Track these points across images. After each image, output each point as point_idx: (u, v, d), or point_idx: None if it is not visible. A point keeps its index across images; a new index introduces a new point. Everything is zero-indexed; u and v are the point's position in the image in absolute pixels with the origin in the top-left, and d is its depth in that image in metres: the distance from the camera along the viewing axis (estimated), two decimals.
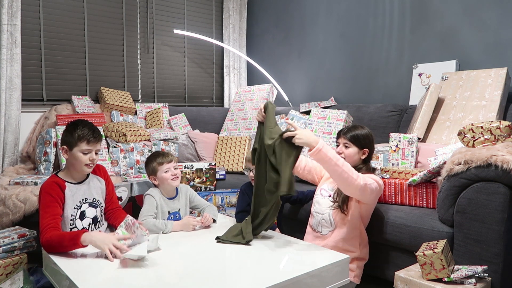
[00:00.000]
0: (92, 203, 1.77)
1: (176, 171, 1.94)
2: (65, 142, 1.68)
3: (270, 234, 1.77)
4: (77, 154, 1.67)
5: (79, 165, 1.69)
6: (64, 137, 1.69)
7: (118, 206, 1.89)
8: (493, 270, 1.50)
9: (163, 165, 1.91)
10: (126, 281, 1.28)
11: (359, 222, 1.77)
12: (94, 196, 1.78)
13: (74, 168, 1.72)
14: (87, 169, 1.72)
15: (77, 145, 1.66)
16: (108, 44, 3.40)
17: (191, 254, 1.53)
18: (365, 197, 1.68)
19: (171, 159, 1.95)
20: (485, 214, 1.52)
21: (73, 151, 1.67)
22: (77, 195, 1.73)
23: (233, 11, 4.06)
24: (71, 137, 1.66)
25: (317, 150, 1.54)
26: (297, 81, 3.76)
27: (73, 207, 1.71)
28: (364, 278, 1.81)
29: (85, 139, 1.66)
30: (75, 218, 1.71)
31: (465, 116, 2.33)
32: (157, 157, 1.94)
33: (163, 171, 1.91)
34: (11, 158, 2.84)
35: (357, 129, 1.85)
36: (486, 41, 2.51)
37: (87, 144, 1.67)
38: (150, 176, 1.95)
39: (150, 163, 1.94)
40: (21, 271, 1.68)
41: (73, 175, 1.74)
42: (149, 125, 3.30)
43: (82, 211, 1.73)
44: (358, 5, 3.22)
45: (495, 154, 1.51)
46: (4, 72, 2.74)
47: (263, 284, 1.22)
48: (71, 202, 1.70)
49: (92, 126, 1.73)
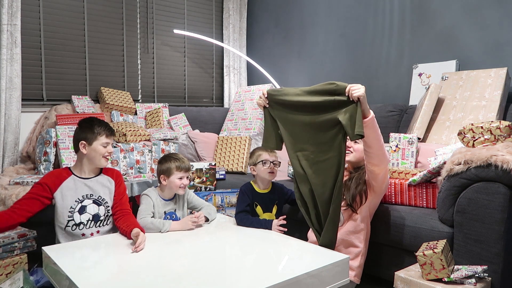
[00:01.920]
0: (96, 200, 1.83)
1: (187, 182, 1.95)
2: (83, 138, 1.81)
3: (270, 234, 1.77)
4: (98, 147, 1.81)
5: (98, 158, 1.82)
6: (81, 134, 1.82)
7: (127, 208, 1.87)
8: (493, 270, 1.50)
9: (180, 172, 1.92)
10: (126, 281, 1.28)
11: (367, 216, 1.79)
12: (100, 194, 1.85)
13: (90, 162, 1.84)
14: (104, 161, 1.85)
15: (97, 139, 1.81)
16: (108, 44, 3.40)
17: (191, 254, 1.53)
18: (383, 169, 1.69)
19: (188, 168, 1.96)
20: (485, 214, 1.52)
21: (93, 145, 1.80)
22: (81, 189, 1.81)
23: (233, 11, 4.06)
24: (90, 133, 1.80)
25: (373, 118, 1.56)
26: (297, 81, 3.76)
27: (74, 199, 1.79)
28: (364, 278, 1.81)
29: (104, 133, 1.83)
30: (74, 211, 1.78)
31: (465, 116, 2.33)
32: (177, 161, 1.93)
33: (177, 177, 1.91)
34: (11, 158, 2.84)
35: None
36: (486, 41, 2.51)
37: (106, 137, 1.83)
38: (162, 175, 1.93)
39: (168, 162, 1.93)
40: (21, 271, 1.68)
41: (84, 170, 1.85)
42: (149, 125, 3.30)
43: (83, 205, 1.79)
44: (358, 5, 3.22)
45: (495, 154, 1.51)
46: (4, 72, 2.74)
47: (263, 284, 1.22)
48: (72, 194, 1.79)
49: (105, 121, 1.88)
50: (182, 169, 1.92)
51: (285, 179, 2.64)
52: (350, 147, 1.83)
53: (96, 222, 1.81)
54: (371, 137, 1.60)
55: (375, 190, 1.76)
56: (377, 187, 1.75)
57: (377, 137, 1.60)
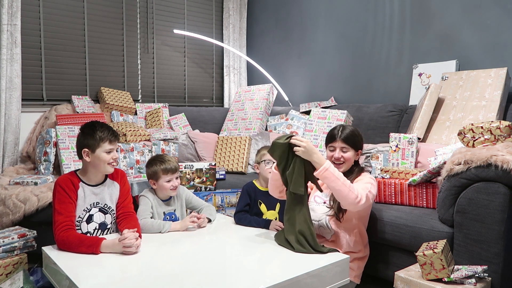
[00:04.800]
0: (102, 208, 1.75)
1: (177, 182, 1.93)
2: (86, 145, 1.68)
3: (270, 234, 1.77)
4: (101, 155, 1.68)
5: (102, 165, 1.70)
6: (83, 141, 1.69)
7: (130, 211, 1.80)
8: (493, 270, 1.50)
9: (167, 175, 1.89)
10: (126, 281, 1.28)
11: (357, 224, 1.76)
12: (106, 202, 1.76)
13: (95, 170, 1.72)
14: (110, 168, 1.73)
15: (99, 146, 1.67)
16: (108, 44, 3.40)
17: (191, 254, 1.53)
18: (364, 208, 1.67)
19: (176, 169, 1.92)
20: (485, 214, 1.52)
21: (96, 153, 1.68)
22: (89, 198, 1.72)
23: (233, 11, 4.06)
24: (92, 139, 1.67)
25: (324, 169, 1.53)
26: (297, 81, 3.76)
27: (82, 209, 1.70)
28: (364, 278, 1.81)
29: (107, 139, 1.69)
30: (81, 221, 1.69)
31: (465, 116, 2.33)
32: (162, 163, 1.90)
33: (165, 180, 1.89)
34: (11, 158, 2.84)
35: (351, 130, 1.80)
36: (486, 41, 2.51)
37: (109, 143, 1.70)
38: (150, 179, 1.93)
39: (154, 166, 1.91)
40: (21, 271, 1.68)
41: (90, 177, 1.73)
42: (149, 125, 3.30)
43: (90, 214, 1.72)
44: (358, 5, 3.22)
45: (495, 154, 1.51)
46: (4, 72, 2.74)
47: (263, 284, 1.22)
48: (82, 203, 1.70)
49: (108, 125, 1.75)
50: (168, 171, 1.89)
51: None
52: (340, 157, 1.77)
53: (104, 231, 1.75)
54: (330, 186, 1.57)
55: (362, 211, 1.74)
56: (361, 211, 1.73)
57: (336, 187, 1.55)
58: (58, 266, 1.40)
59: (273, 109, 3.60)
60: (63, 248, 1.54)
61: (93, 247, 1.50)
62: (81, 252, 1.51)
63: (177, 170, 1.94)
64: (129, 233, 1.52)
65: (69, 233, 1.56)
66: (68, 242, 1.53)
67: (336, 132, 1.81)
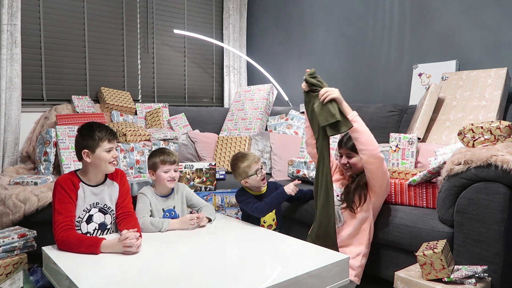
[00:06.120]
0: (102, 208, 1.75)
1: (175, 174, 1.94)
2: (85, 146, 1.68)
3: (270, 234, 1.77)
4: (101, 154, 1.69)
5: (104, 165, 1.71)
6: (82, 142, 1.69)
7: (130, 211, 1.81)
8: (493, 270, 1.50)
9: (165, 165, 1.91)
10: (126, 281, 1.28)
11: (369, 218, 1.80)
12: (106, 202, 1.76)
13: (96, 170, 1.72)
14: (111, 167, 1.74)
15: (99, 145, 1.68)
16: (108, 44, 3.40)
17: (191, 254, 1.53)
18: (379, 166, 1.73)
19: (174, 161, 1.94)
20: (485, 214, 1.52)
21: (96, 153, 1.68)
22: (89, 198, 1.72)
23: (233, 11, 4.06)
24: (92, 140, 1.67)
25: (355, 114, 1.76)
26: (297, 81, 3.75)
27: (82, 209, 1.70)
28: (364, 278, 1.81)
29: (105, 138, 1.69)
30: (81, 221, 1.69)
31: (465, 116, 2.32)
32: (161, 154, 1.94)
33: (163, 170, 1.91)
34: (11, 158, 2.84)
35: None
36: (486, 41, 2.51)
37: (109, 142, 1.70)
38: (150, 170, 1.96)
39: (154, 157, 1.94)
40: (21, 271, 1.68)
41: (91, 178, 1.74)
42: (149, 125, 3.30)
43: (90, 215, 1.72)
44: (358, 5, 3.22)
45: (495, 154, 1.51)
46: (4, 72, 2.74)
47: (263, 284, 1.22)
48: (82, 204, 1.70)
49: (105, 125, 1.75)
50: (167, 162, 1.91)
51: (284, 179, 2.64)
52: (346, 163, 1.88)
53: (103, 231, 1.75)
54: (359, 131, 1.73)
55: (375, 190, 1.77)
56: (377, 186, 1.76)
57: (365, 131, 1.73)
58: (58, 266, 1.40)
59: (273, 109, 3.60)
60: (63, 248, 1.55)
61: (93, 247, 1.50)
62: (81, 252, 1.51)
63: (176, 162, 1.96)
64: (130, 233, 1.52)
65: (69, 233, 1.56)
66: (68, 242, 1.53)
67: (342, 139, 1.93)
